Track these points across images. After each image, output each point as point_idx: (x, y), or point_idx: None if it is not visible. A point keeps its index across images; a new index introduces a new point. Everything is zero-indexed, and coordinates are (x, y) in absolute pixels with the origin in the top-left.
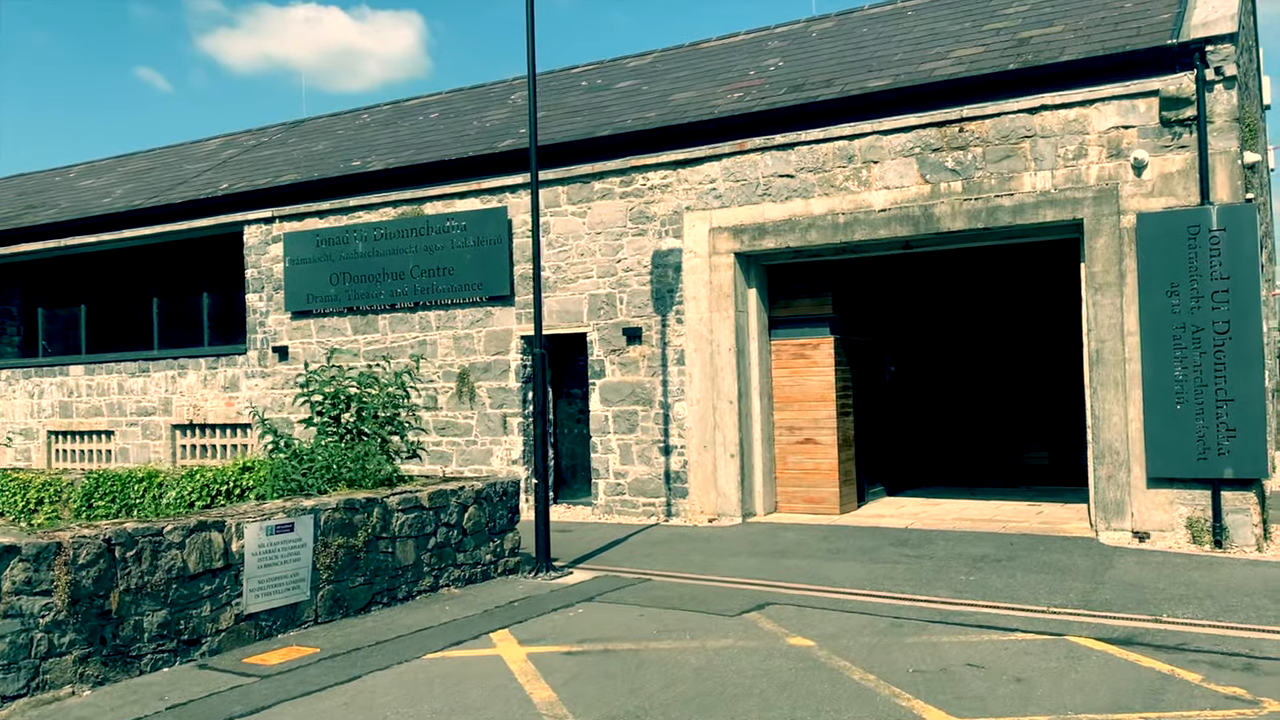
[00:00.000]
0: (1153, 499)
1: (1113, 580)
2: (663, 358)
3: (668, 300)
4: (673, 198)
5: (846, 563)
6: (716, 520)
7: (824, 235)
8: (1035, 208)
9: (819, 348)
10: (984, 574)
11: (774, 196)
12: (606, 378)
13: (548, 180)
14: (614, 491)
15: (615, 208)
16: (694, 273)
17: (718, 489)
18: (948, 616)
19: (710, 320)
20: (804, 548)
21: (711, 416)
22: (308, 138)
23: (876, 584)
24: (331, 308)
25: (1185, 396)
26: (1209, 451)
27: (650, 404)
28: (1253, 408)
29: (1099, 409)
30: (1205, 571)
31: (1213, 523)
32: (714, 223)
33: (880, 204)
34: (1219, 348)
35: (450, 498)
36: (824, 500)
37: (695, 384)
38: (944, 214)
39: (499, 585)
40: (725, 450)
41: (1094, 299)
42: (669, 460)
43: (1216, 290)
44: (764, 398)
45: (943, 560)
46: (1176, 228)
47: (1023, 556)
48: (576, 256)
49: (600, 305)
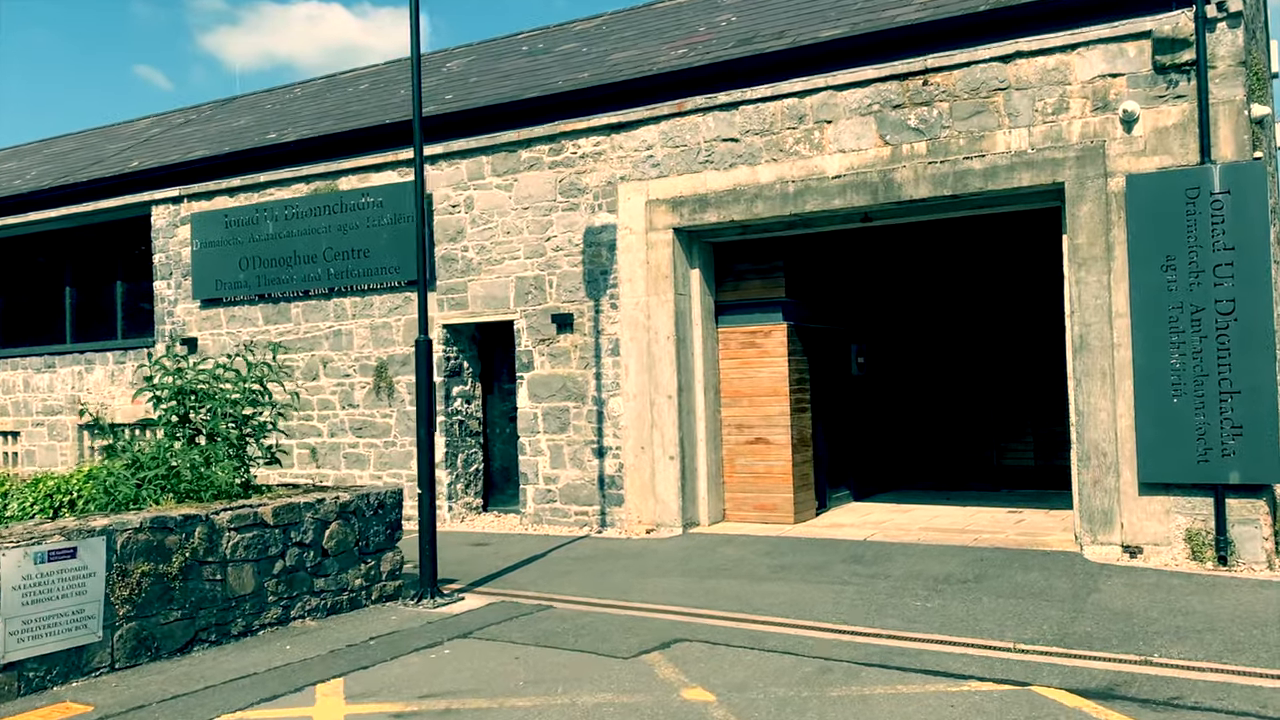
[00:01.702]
0: (1146, 508)
1: (1096, 607)
2: (596, 347)
3: (601, 283)
4: (606, 167)
5: (787, 584)
6: (655, 531)
7: (772, 207)
8: (1010, 171)
9: (770, 335)
10: (944, 599)
11: (717, 164)
12: (535, 370)
13: (470, 150)
14: (544, 499)
15: (544, 179)
16: (629, 251)
17: (656, 496)
18: (890, 657)
19: (647, 305)
20: (743, 565)
21: (649, 413)
22: (235, 113)
23: (815, 612)
24: (242, 295)
25: (1183, 388)
26: (1211, 452)
27: (583, 400)
28: (1262, 400)
29: (1083, 403)
30: (1206, 595)
31: (1215, 535)
32: (651, 194)
33: (835, 170)
34: (1222, 330)
35: (304, 513)
36: (776, 507)
37: (631, 377)
38: (906, 180)
39: (369, 616)
40: (664, 452)
41: (1077, 276)
42: (603, 463)
43: (1219, 263)
44: (709, 392)
45: (899, 581)
46: (1172, 191)
47: (993, 576)
48: (502, 235)
49: (528, 289)
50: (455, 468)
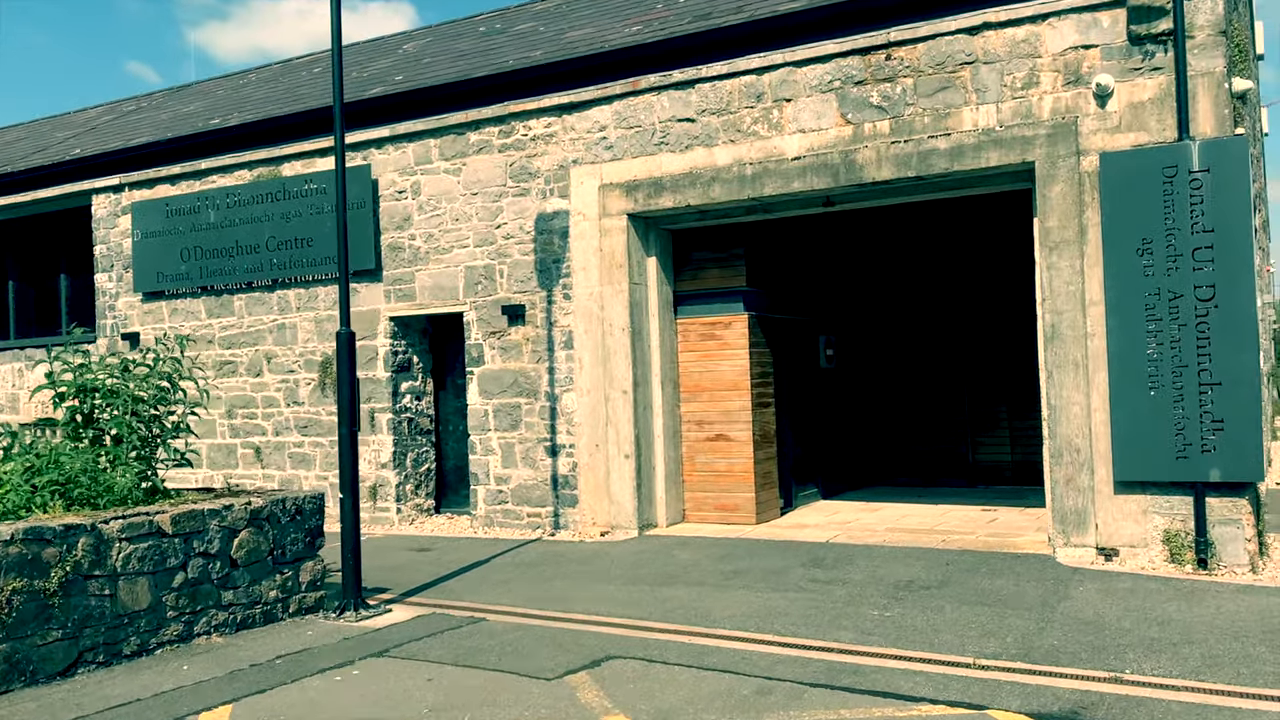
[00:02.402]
0: (1122, 507)
1: (1065, 616)
2: (549, 340)
3: (554, 272)
4: (558, 150)
5: (739, 592)
6: (609, 534)
7: (729, 191)
8: (977, 150)
9: (731, 327)
10: (904, 607)
11: (672, 145)
12: (486, 365)
13: (417, 132)
14: (495, 500)
15: (493, 163)
16: (582, 239)
17: (610, 496)
18: (837, 676)
19: (601, 295)
20: (696, 570)
21: (603, 409)
22: (186, 100)
23: (765, 623)
24: (184, 287)
25: (1161, 380)
26: (1190, 448)
27: (535, 395)
28: (1244, 393)
29: (1055, 396)
30: (1185, 603)
31: (1195, 537)
32: (604, 178)
33: (794, 151)
34: (1202, 318)
35: (208, 520)
36: (737, 507)
37: (585, 371)
38: (868, 161)
39: (282, 631)
40: (618, 450)
41: (1049, 261)
42: (556, 462)
43: (1199, 247)
44: (667, 386)
45: (858, 587)
46: (1148, 169)
47: (958, 582)
48: (451, 222)
49: (478, 279)
50: (404, 468)
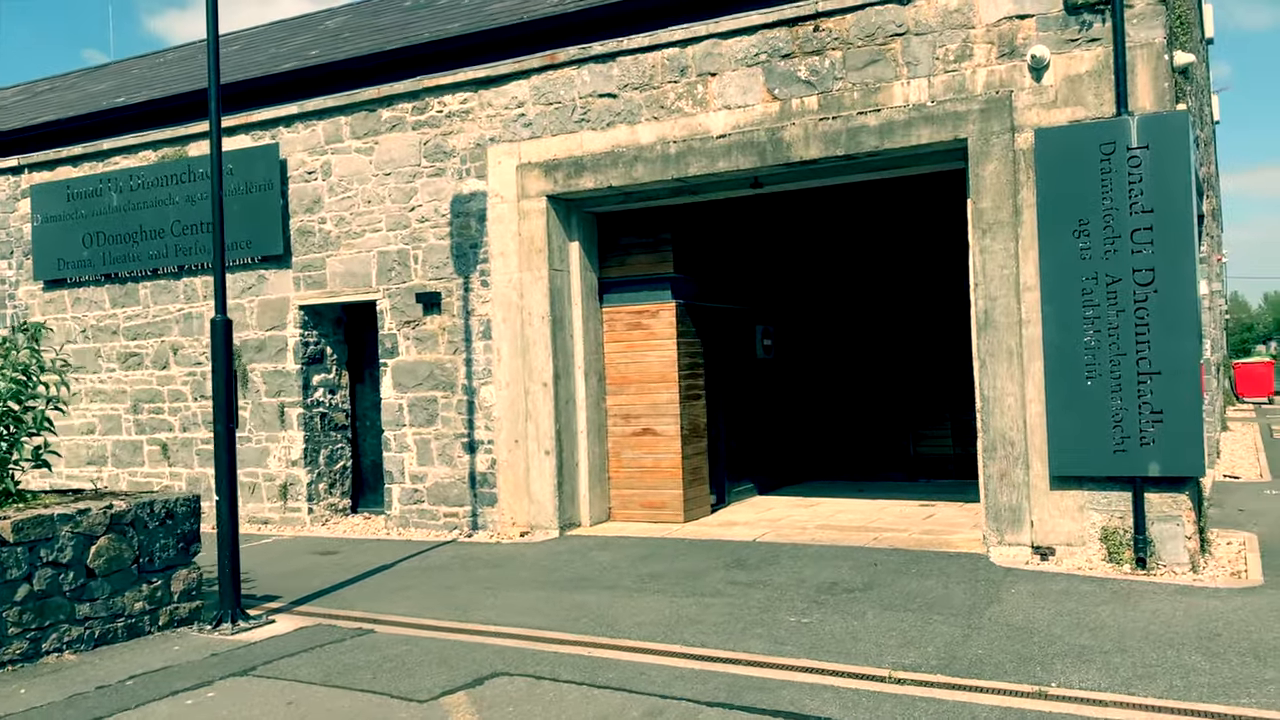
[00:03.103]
0: (1058, 503)
1: (994, 621)
2: (466, 330)
3: (471, 258)
4: (474, 127)
5: (653, 597)
6: (529, 534)
7: (653, 171)
8: (907, 127)
9: (658, 315)
10: (824, 612)
11: (594, 123)
12: (400, 356)
13: (327, 109)
14: (410, 499)
15: (407, 142)
16: (500, 222)
17: (530, 495)
18: (740, 693)
19: (520, 282)
20: (612, 573)
21: (523, 403)
22: (99, 79)
23: (674, 631)
24: (86, 275)
25: (1098, 369)
26: (1129, 441)
27: (453, 388)
28: (1184, 382)
29: (989, 387)
30: (1120, 605)
31: (1134, 535)
32: (523, 158)
33: (719, 128)
34: (1141, 304)
35: (58, 526)
36: (665, 505)
37: (504, 362)
38: (795, 139)
39: (148, 646)
40: (538, 446)
41: (982, 244)
42: (474, 460)
43: (1138, 228)
44: (592, 378)
45: (779, 590)
46: (1085, 146)
47: (885, 583)
48: (363, 204)
49: (391, 265)
50: (316, 465)
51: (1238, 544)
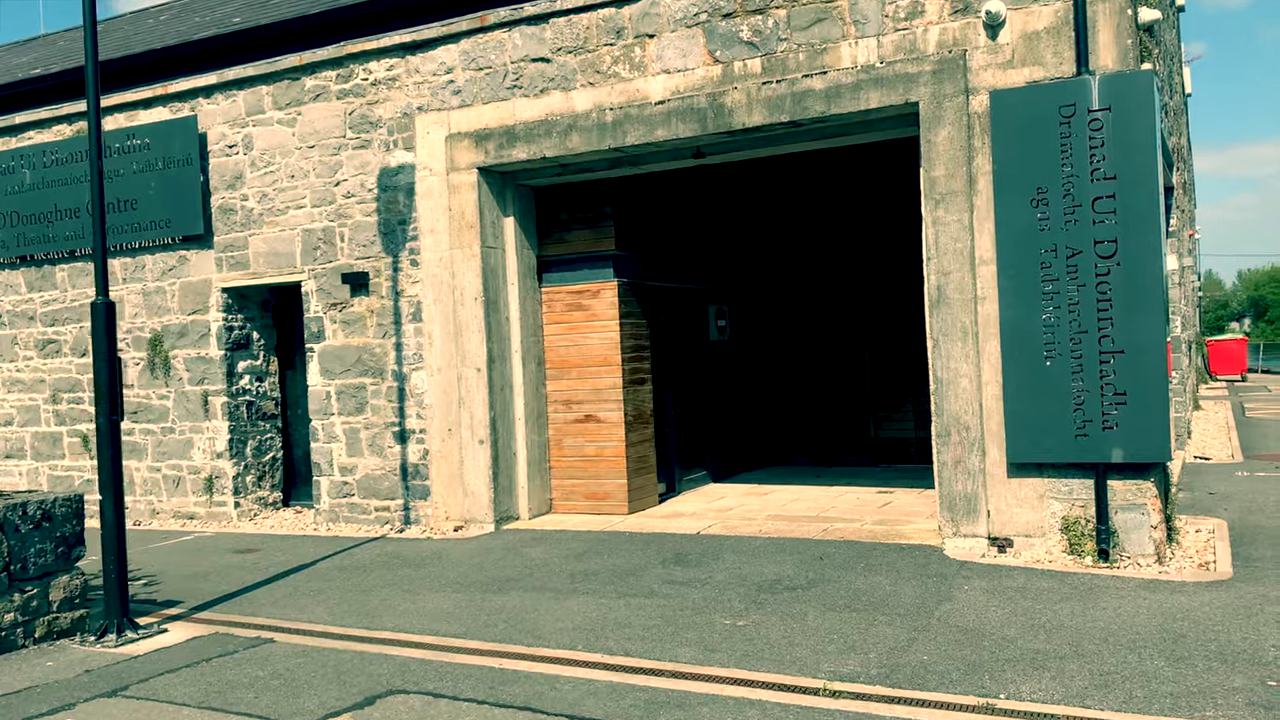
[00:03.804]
0: (1016, 492)
1: (944, 623)
2: (396, 312)
3: (400, 235)
4: (402, 96)
5: (582, 598)
6: (464, 529)
7: (589, 140)
8: (855, 90)
9: (599, 295)
10: (763, 613)
11: (527, 90)
12: (327, 341)
13: (248, 78)
14: (340, 493)
15: (331, 112)
16: (430, 196)
17: (465, 487)
18: (657, 711)
19: (451, 260)
20: (543, 572)
21: (456, 390)
22: (24, 52)
23: (598, 638)
24: (1, 257)
25: (1058, 348)
26: (1090, 425)
27: (382, 375)
28: (1150, 361)
29: (942, 368)
30: (1080, 603)
31: (1096, 525)
32: (452, 127)
33: (659, 94)
34: (1103, 277)
35: None
36: (609, 495)
37: (436, 346)
38: (738, 104)
39: (18, 661)
40: (473, 435)
41: (934, 215)
42: (406, 450)
43: (1099, 196)
44: (530, 363)
45: (718, 589)
46: (1044, 109)
47: (831, 580)
48: (286, 179)
49: (317, 244)
50: (244, 457)
51: (1206, 532)
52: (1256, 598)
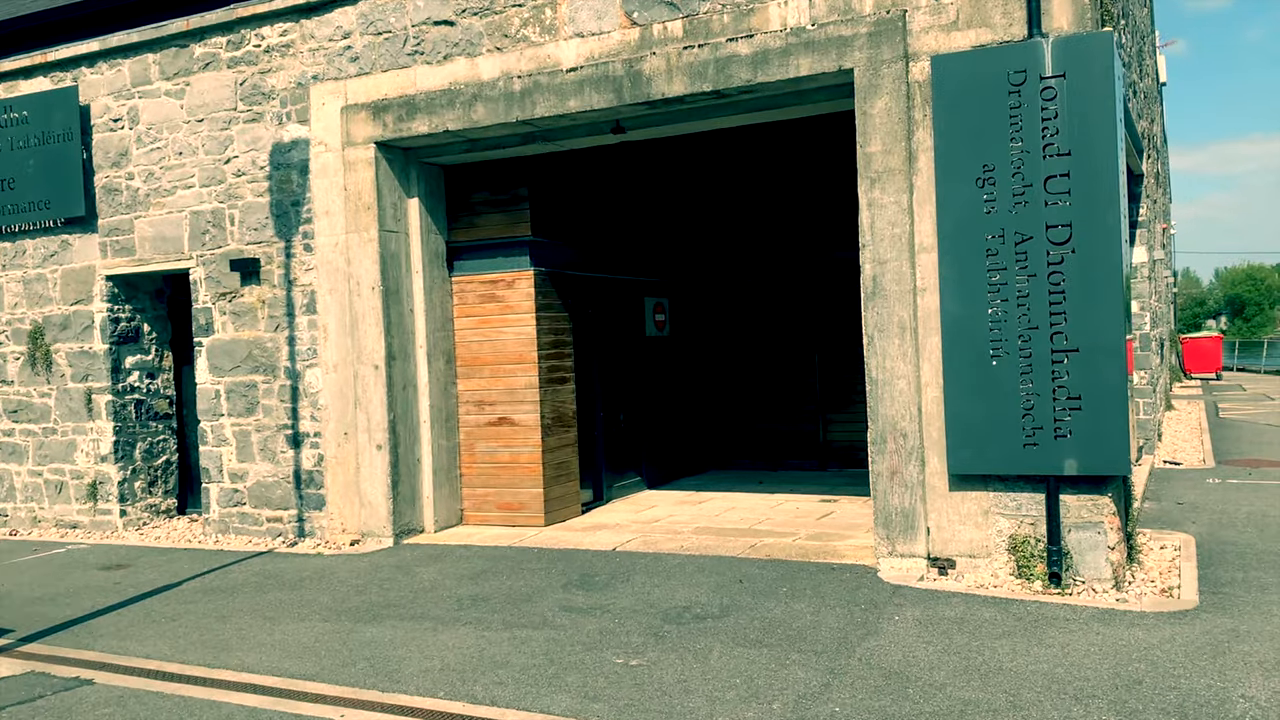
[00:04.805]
0: (959, 507)
1: (865, 663)
2: (289, 303)
3: (293, 217)
4: (296, 64)
5: (463, 629)
6: (361, 542)
7: (495, 112)
8: (784, 55)
9: (514, 286)
10: (663, 649)
11: (429, 55)
12: (216, 334)
13: (133, 45)
14: (230, 501)
15: (222, 82)
16: (325, 174)
17: (361, 497)
18: None
19: (347, 245)
20: (429, 596)
21: (353, 389)
22: None
23: (466, 681)
24: None
25: (1006, 346)
26: (1041, 433)
27: (275, 372)
28: (1107, 362)
29: (878, 368)
30: (1024, 639)
31: (1047, 545)
32: (349, 98)
33: (571, 60)
34: (1056, 266)
35: None
36: (523, 506)
37: (331, 341)
38: (657, 71)
39: None
40: (370, 439)
41: (870, 196)
42: (300, 455)
43: (1052, 175)
44: (438, 359)
45: (619, 618)
46: (992, 76)
47: (746, 607)
48: (174, 156)
49: (206, 227)
50: (131, 461)
51: (1172, 549)
52: (1225, 633)
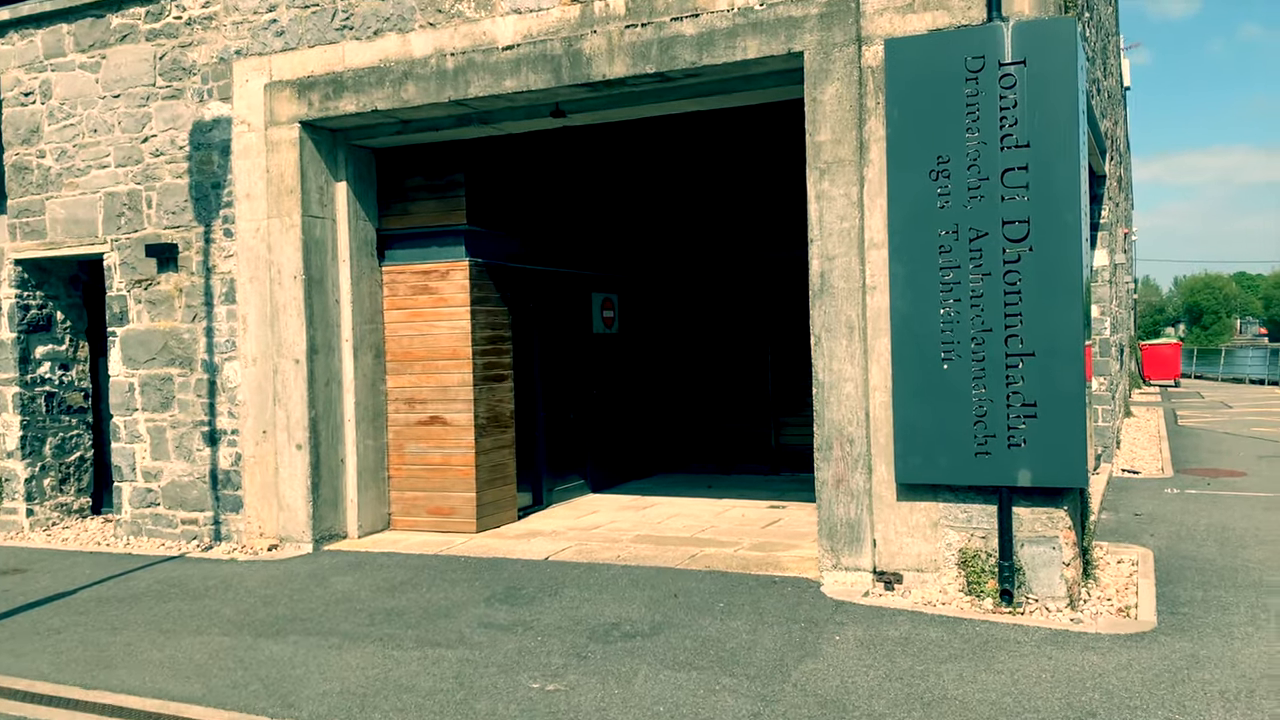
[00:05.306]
0: (907, 518)
1: (800, 688)
2: (207, 291)
3: (214, 200)
4: (219, 37)
5: (370, 647)
6: (279, 548)
7: (427, 91)
8: (731, 37)
9: (448, 277)
10: (585, 671)
11: (359, 31)
12: (131, 324)
13: (47, 14)
14: (144, 501)
15: (140, 55)
16: (247, 155)
17: (280, 499)
18: None
19: (268, 231)
20: (341, 609)
21: (272, 384)
22: None
23: (365, 708)
24: None
25: (958, 349)
26: (994, 441)
27: (192, 365)
28: (1064, 367)
29: (825, 370)
30: (972, 663)
31: (999, 560)
32: (274, 74)
33: (508, 37)
34: (1012, 265)
35: None
36: (454, 511)
37: (251, 333)
38: (597, 51)
39: None
40: (290, 438)
41: (820, 188)
42: (217, 454)
43: (1010, 168)
44: (366, 354)
45: (542, 636)
46: (948, 62)
47: (680, 625)
48: (89, 134)
49: (121, 209)
50: (41, 457)
51: (1130, 564)
52: (1183, 658)
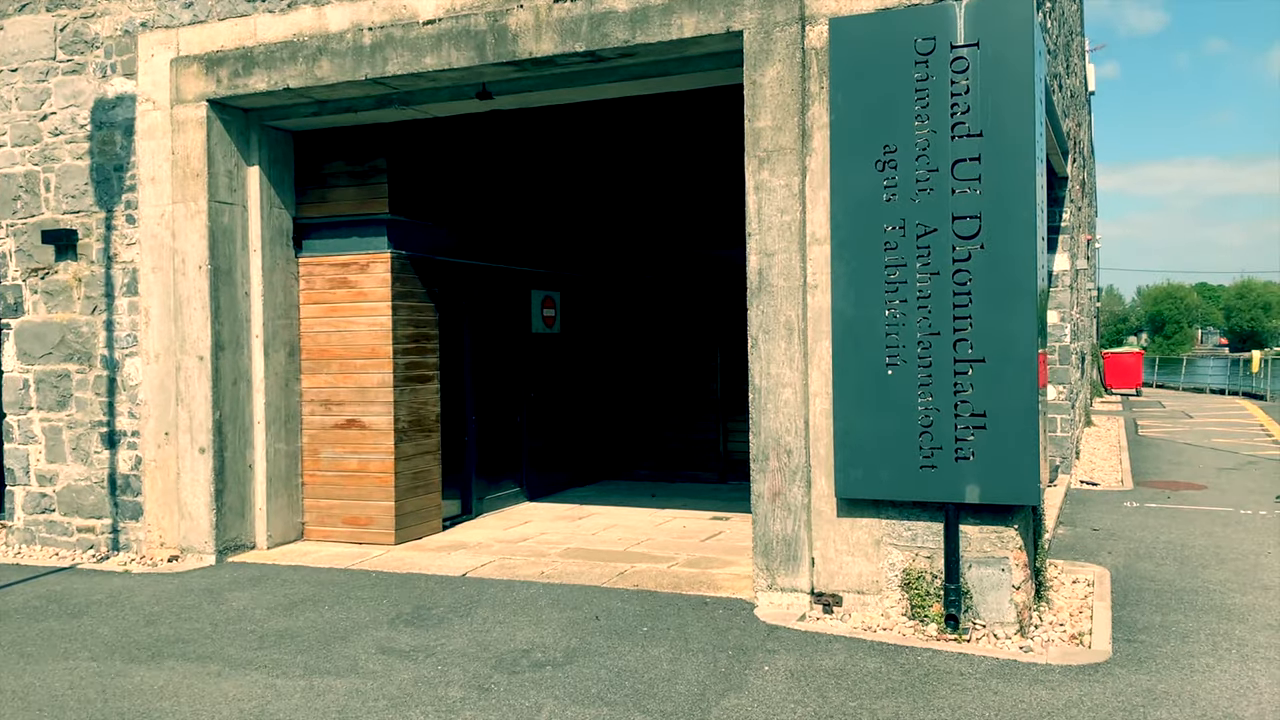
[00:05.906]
0: (847, 536)
1: None
2: (108, 282)
3: (116, 184)
4: (124, 9)
5: (254, 675)
6: (180, 558)
7: (342, 68)
8: (666, 14)
9: (368, 270)
10: (484, 707)
11: (272, 3)
12: (27, 316)
13: None
14: (38, 507)
15: (39, 27)
16: (152, 136)
17: (182, 506)
18: None
19: (173, 218)
20: (230, 630)
21: (175, 382)
22: None
23: None
24: None
25: (904, 353)
26: (941, 453)
27: (91, 361)
28: (1017, 374)
29: (761, 374)
30: (909, 699)
31: (945, 582)
32: (181, 49)
33: (429, 12)
34: (962, 264)
35: None
36: (372, 521)
37: (153, 327)
38: (524, 27)
39: None
40: (192, 441)
41: (759, 179)
42: (116, 457)
43: (961, 159)
44: (279, 351)
45: (444, 664)
46: (897, 44)
47: (597, 652)
48: None
49: (18, 192)
50: None
51: (1085, 584)
52: (1139, 694)
